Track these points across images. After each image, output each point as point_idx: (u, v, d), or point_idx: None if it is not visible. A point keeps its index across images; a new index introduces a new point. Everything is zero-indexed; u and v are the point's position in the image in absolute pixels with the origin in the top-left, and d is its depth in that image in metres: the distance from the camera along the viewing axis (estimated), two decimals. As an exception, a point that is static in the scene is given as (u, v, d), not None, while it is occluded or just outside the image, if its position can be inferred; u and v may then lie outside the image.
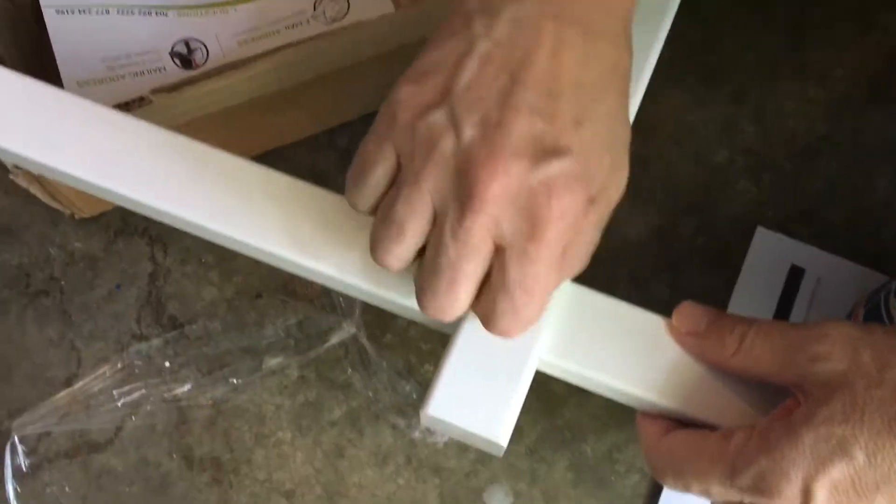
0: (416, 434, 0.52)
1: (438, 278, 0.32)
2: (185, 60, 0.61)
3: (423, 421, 0.37)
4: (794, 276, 0.54)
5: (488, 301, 0.33)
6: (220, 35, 0.62)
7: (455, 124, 0.31)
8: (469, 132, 0.31)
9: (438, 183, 0.31)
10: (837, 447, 0.30)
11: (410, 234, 0.32)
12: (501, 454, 0.38)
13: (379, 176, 0.33)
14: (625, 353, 0.37)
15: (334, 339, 0.54)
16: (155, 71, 0.60)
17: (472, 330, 0.37)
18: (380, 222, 0.33)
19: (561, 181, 0.30)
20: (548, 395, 0.53)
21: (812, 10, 0.62)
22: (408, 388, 0.53)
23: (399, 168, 0.33)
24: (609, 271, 0.54)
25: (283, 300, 0.55)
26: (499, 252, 0.32)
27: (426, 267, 0.33)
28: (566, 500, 0.51)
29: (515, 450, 0.52)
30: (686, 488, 0.35)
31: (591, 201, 0.32)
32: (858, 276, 0.54)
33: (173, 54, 0.61)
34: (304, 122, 0.58)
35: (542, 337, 0.37)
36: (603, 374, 0.37)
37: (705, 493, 0.34)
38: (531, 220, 0.31)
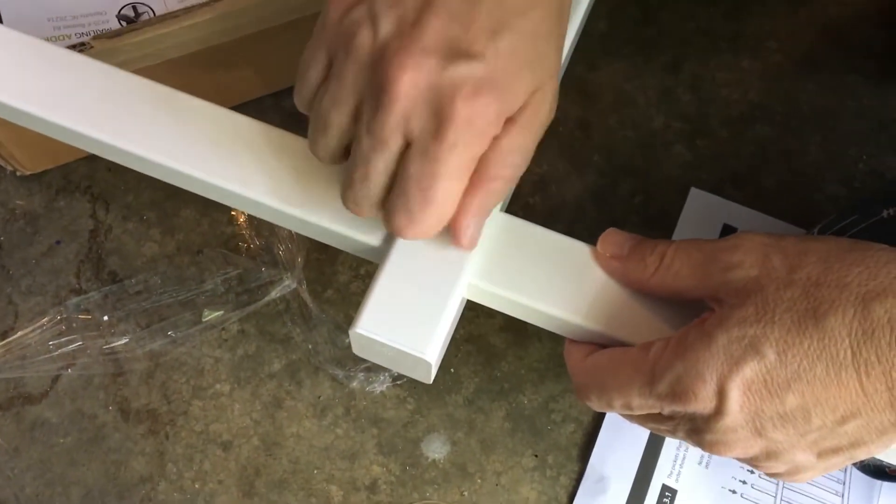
0: (355, 384, 0.52)
1: (354, 171, 0.33)
2: (132, 23, 0.61)
3: (353, 344, 0.38)
4: (727, 234, 0.56)
5: (390, 197, 0.33)
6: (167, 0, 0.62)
7: (373, 19, 0.32)
8: (385, 28, 0.31)
9: (357, 77, 0.32)
10: (749, 346, 0.31)
11: (333, 127, 0.33)
12: (430, 380, 0.38)
13: (314, 76, 0.34)
14: (553, 279, 0.38)
15: (274, 293, 0.54)
16: (101, 32, 0.60)
17: (402, 254, 0.37)
18: (311, 117, 0.34)
19: (469, 84, 0.31)
20: (487, 347, 0.54)
21: (746, -14, 0.65)
22: (347, 340, 0.53)
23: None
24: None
25: (223, 254, 0.55)
26: (407, 149, 0.32)
27: (349, 161, 0.34)
28: (503, 449, 0.51)
29: (454, 400, 0.53)
30: (609, 404, 0.35)
31: (511, 122, 0.33)
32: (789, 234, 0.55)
33: (120, 17, 0.61)
34: (250, 81, 0.59)
35: (471, 262, 0.37)
36: (531, 299, 0.38)
37: (627, 406, 0.35)
38: (436, 119, 0.31)
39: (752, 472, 0.51)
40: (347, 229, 0.38)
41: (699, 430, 0.33)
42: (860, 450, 0.32)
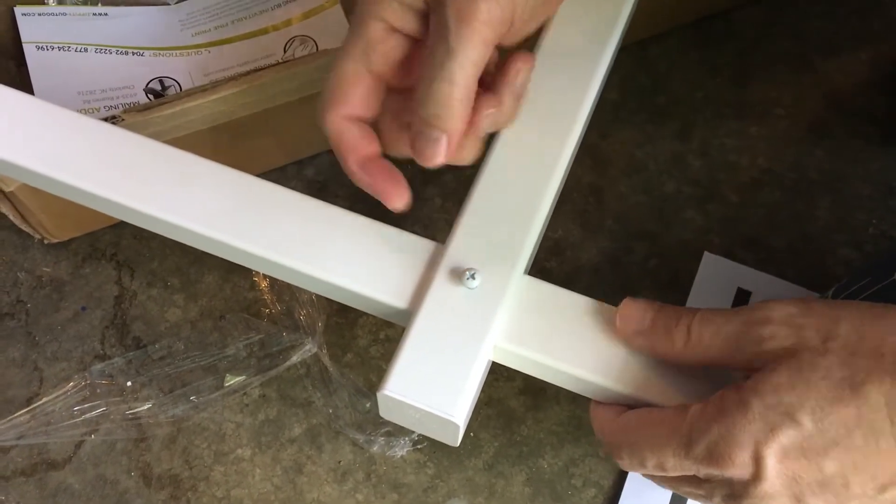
0: (376, 448, 0.53)
1: None
2: (159, 96, 0.63)
3: (381, 406, 0.38)
4: (741, 298, 0.57)
5: None
6: (193, 73, 0.64)
7: None
8: None
9: None
10: (785, 414, 0.31)
11: None
12: (457, 442, 0.38)
13: None
14: (580, 341, 0.38)
15: (295, 358, 0.55)
16: (129, 105, 0.63)
17: (428, 316, 0.38)
18: None
19: None
20: (506, 411, 0.54)
21: (752, 55, 0.67)
22: (368, 405, 0.54)
23: None
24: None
25: (245, 319, 0.56)
26: None
27: None
28: (524, 513, 0.51)
29: (474, 464, 0.53)
30: (642, 464, 0.35)
31: None
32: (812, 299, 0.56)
33: (147, 90, 0.63)
34: (274, 150, 0.60)
35: (496, 323, 0.38)
36: (559, 361, 0.38)
37: (660, 467, 0.35)
38: None
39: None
40: (374, 292, 0.39)
41: (737, 495, 0.33)
42: None
